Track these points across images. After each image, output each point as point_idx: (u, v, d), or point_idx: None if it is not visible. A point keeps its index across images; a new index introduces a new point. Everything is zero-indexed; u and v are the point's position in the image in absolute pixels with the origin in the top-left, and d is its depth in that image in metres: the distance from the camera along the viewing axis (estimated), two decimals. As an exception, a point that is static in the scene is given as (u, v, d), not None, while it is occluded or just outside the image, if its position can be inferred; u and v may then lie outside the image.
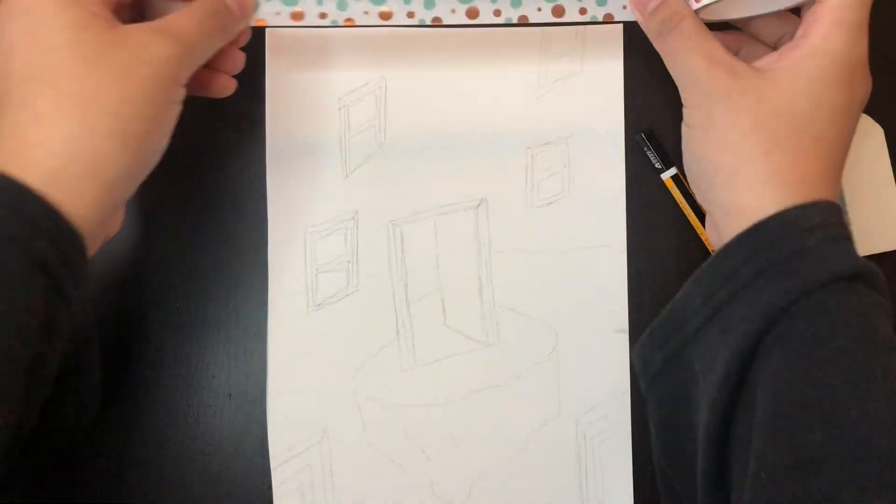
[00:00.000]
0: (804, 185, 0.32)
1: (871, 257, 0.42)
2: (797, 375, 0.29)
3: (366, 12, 0.37)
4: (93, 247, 0.32)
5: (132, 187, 0.33)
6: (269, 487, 0.40)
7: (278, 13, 0.37)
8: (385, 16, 0.37)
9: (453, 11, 0.37)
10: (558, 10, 0.37)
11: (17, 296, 0.28)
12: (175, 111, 0.33)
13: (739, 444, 0.31)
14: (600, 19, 0.38)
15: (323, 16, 0.37)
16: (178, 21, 0.33)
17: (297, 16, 0.37)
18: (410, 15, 0.37)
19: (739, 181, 0.33)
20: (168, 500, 0.41)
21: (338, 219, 0.41)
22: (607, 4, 0.37)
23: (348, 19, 0.37)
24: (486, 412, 0.41)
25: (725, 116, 0.34)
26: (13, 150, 0.29)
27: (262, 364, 0.41)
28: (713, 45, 0.34)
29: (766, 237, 0.31)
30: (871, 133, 0.42)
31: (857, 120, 0.34)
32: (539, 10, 0.37)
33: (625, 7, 0.37)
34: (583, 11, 0.37)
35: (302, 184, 0.41)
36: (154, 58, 0.32)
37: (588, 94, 0.42)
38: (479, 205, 0.42)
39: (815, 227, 0.31)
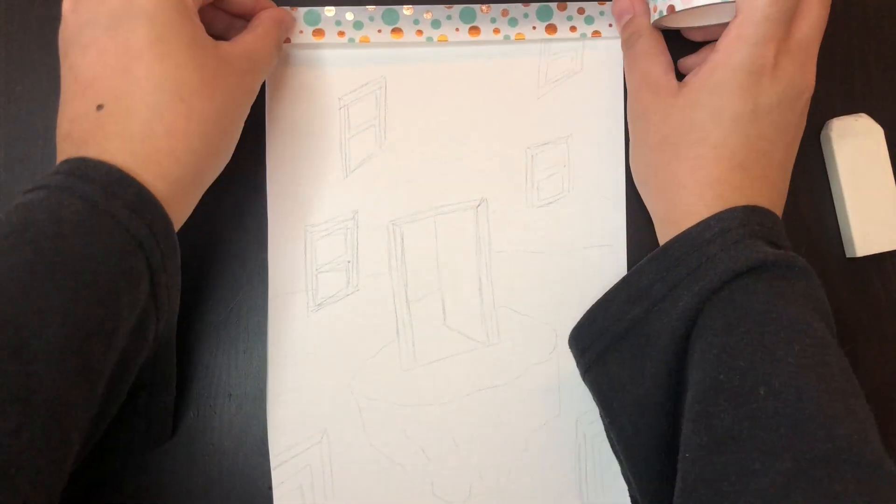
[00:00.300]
0: (711, 188, 0.35)
1: (871, 257, 0.42)
2: (711, 364, 0.32)
3: (379, 31, 0.41)
4: None
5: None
6: (269, 487, 0.40)
7: (301, 31, 0.41)
8: (397, 34, 0.40)
9: (457, 30, 0.41)
10: (551, 29, 0.42)
11: (129, 297, 0.30)
12: None
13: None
14: (589, 36, 0.42)
15: (341, 34, 0.41)
16: (255, 44, 0.37)
17: (319, 34, 0.41)
18: (419, 33, 0.41)
19: (651, 191, 0.39)
20: (168, 500, 0.41)
21: (338, 219, 0.41)
22: (595, 23, 0.42)
23: (364, 37, 0.41)
24: (486, 412, 0.41)
25: (641, 133, 0.39)
26: (146, 156, 0.32)
27: (262, 364, 0.41)
28: (652, 66, 0.38)
29: (673, 255, 0.35)
30: (871, 133, 0.42)
31: (773, 123, 0.36)
32: (534, 28, 0.41)
33: (611, 25, 0.42)
34: (573, 29, 0.42)
35: (302, 184, 0.41)
36: (248, 83, 0.36)
37: (588, 94, 0.42)
38: (479, 205, 0.42)
39: (714, 237, 0.34)
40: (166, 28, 0.32)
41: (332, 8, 0.41)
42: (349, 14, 0.40)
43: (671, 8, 0.37)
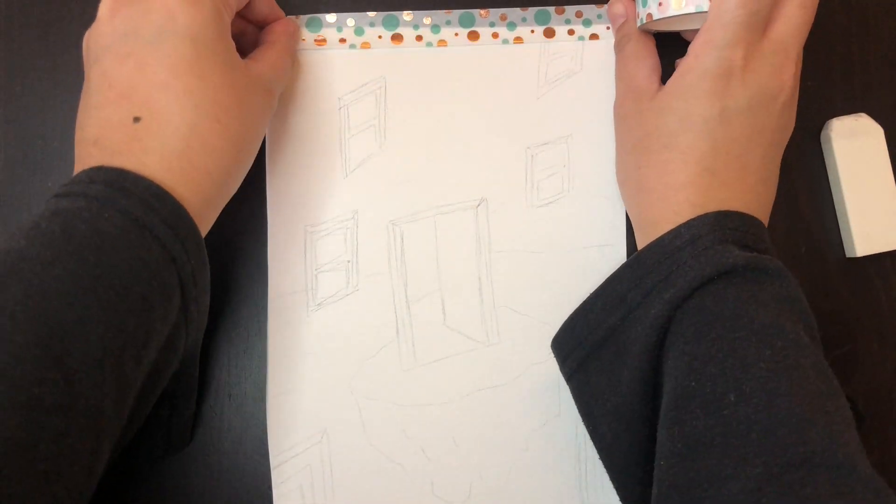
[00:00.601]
0: (678, 193, 0.35)
1: (871, 257, 0.42)
2: (683, 371, 0.32)
3: (379, 37, 0.41)
4: None
5: None
6: (269, 487, 0.40)
7: (304, 39, 0.41)
8: (397, 39, 0.41)
9: (456, 35, 0.41)
10: (549, 32, 0.42)
11: (162, 310, 0.31)
12: None
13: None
14: (587, 39, 0.42)
15: (342, 41, 0.41)
16: (277, 61, 0.38)
17: (320, 41, 0.41)
18: (419, 38, 0.41)
19: (626, 194, 0.39)
20: (168, 499, 0.41)
21: (338, 219, 0.41)
22: (592, 26, 0.42)
23: (364, 43, 0.41)
24: (486, 412, 0.41)
25: (620, 136, 0.40)
26: (182, 172, 0.32)
27: (262, 364, 0.41)
28: (637, 69, 0.39)
29: (646, 263, 0.35)
30: (871, 133, 0.42)
31: (744, 127, 0.35)
32: (532, 31, 0.42)
33: (608, 28, 0.42)
34: (571, 32, 0.42)
35: (302, 184, 0.41)
36: (271, 100, 0.38)
37: (588, 95, 0.42)
38: (479, 204, 0.42)
39: (685, 244, 0.34)
40: (207, 48, 0.33)
41: (334, 15, 0.41)
42: (350, 20, 0.41)
43: (649, 16, 0.38)
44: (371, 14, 0.41)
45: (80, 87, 0.41)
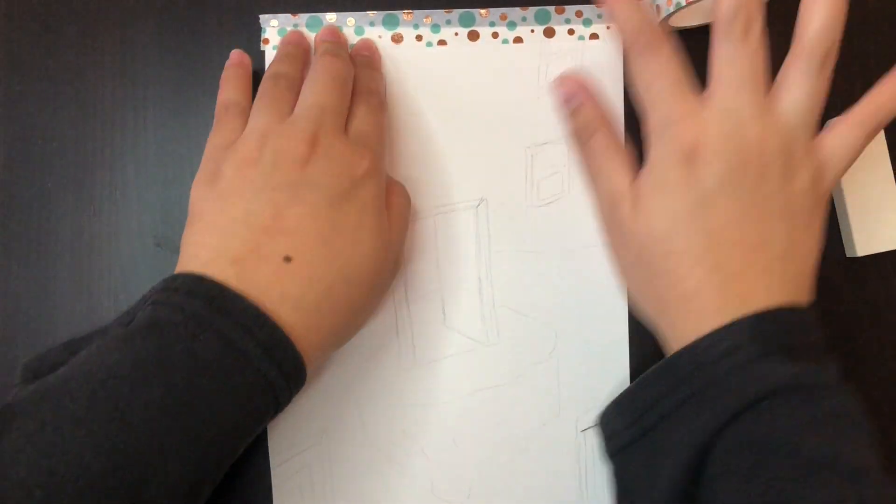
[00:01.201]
0: (693, 302, 0.33)
1: (871, 257, 0.42)
2: None
3: (380, 36, 0.41)
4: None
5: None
6: (269, 487, 0.40)
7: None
8: (397, 39, 0.41)
9: (456, 35, 0.41)
10: (549, 32, 0.42)
11: (251, 431, 0.31)
12: None
13: None
14: (587, 39, 0.42)
15: None
16: (400, 230, 0.38)
17: None
18: (419, 38, 0.41)
19: (645, 312, 0.37)
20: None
21: (338, 219, 0.41)
22: (592, 26, 0.42)
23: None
24: (486, 412, 0.41)
25: (617, 251, 0.38)
26: (307, 327, 0.32)
27: (262, 364, 0.41)
28: (609, 169, 0.36)
29: (678, 373, 0.32)
30: (871, 133, 0.42)
31: (731, 207, 0.32)
32: (532, 31, 0.42)
33: (608, 27, 0.42)
34: (571, 32, 0.41)
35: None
36: (396, 271, 0.39)
37: (588, 94, 0.42)
38: (479, 204, 0.42)
39: (721, 356, 0.31)
40: (374, 220, 0.34)
41: (334, 14, 0.41)
42: (350, 19, 0.41)
43: (658, 9, 0.37)
44: (371, 14, 0.41)
45: (80, 87, 0.42)
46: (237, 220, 0.33)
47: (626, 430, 0.35)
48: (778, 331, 0.31)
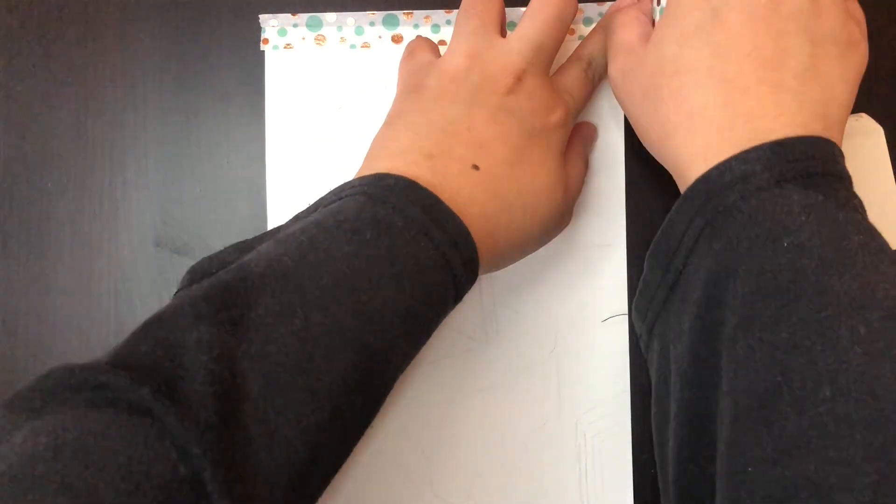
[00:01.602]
0: (701, 119, 0.31)
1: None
2: (765, 364, 0.27)
3: (380, 37, 0.41)
4: None
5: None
6: (269, 487, 0.40)
7: (304, 38, 0.41)
8: (397, 39, 0.41)
9: None
10: None
11: (439, 310, 0.32)
12: None
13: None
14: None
15: (342, 40, 0.41)
16: (580, 169, 0.40)
17: (320, 39, 0.41)
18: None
19: (655, 145, 0.35)
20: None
21: (338, 219, 0.41)
22: (593, 25, 0.41)
23: (365, 43, 0.41)
24: (485, 412, 0.41)
25: (627, 94, 0.36)
26: (481, 241, 0.32)
27: (262, 364, 0.41)
28: (627, 34, 0.36)
29: (693, 205, 0.31)
30: (871, 133, 0.42)
31: (745, 19, 0.31)
32: None
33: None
34: (571, 31, 0.42)
35: (302, 186, 0.41)
36: (571, 211, 0.40)
37: (588, 94, 0.42)
38: (478, 205, 0.42)
39: (736, 180, 0.30)
40: (555, 164, 0.36)
41: (334, 14, 0.41)
42: (350, 19, 0.41)
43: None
44: (371, 14, 0.41)
45: (79, 87, 0.42)
46: (434, 123, 0.34)
47: (661, 283, 0.33)
48: (799, 157, 0.29)
